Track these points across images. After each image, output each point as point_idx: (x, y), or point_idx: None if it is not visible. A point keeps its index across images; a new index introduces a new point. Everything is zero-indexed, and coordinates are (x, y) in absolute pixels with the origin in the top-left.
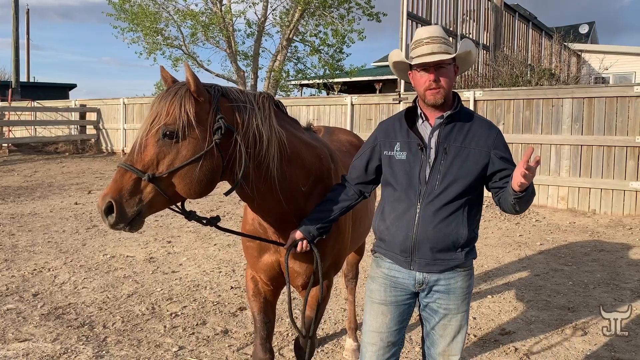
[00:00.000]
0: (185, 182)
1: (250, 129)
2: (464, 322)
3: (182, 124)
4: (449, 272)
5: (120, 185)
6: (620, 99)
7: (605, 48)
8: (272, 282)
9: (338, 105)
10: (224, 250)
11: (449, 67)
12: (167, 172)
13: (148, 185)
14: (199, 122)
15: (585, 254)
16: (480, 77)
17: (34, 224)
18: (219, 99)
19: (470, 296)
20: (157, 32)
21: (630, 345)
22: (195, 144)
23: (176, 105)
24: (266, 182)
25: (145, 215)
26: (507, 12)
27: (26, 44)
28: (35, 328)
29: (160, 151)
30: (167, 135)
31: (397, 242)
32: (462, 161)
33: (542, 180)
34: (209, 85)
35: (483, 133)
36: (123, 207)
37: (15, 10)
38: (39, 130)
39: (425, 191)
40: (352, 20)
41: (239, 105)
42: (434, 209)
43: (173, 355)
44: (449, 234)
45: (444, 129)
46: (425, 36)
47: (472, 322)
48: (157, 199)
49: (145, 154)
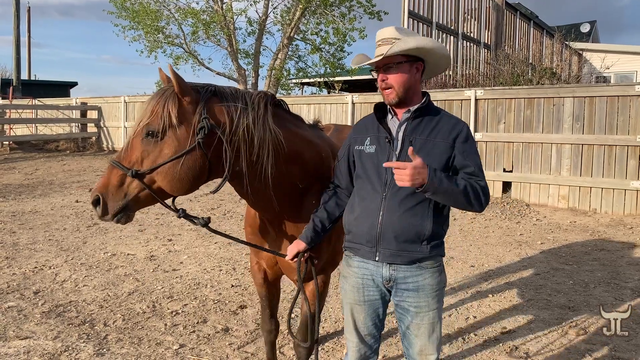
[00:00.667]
0: (168, 179)
1: (240, 128)
2: (437, 319)
3: (164, 123)
4: (416, 269)
5: (108, 180)
6: (622, 98)
7: (606, 47)
8: (272, 269)
9: (339, 103)
10: (225, 248)
11: (399, 66)
12: (149, 169)
13: (133, 181)
14: (182, 121)
15: (586, 253)
16: (482, 76)
17: (35, 221)
18: (208, 99)
19: (442, 293)
20: (158, 30)
21: (631, 344)
22: (178, 143)
23: (160, 105)
24: (261, 180)
25: (133, 209)
26: (509, 11)
27: (27, 41)
28: (36, 326)
29: (145, 149)
30: (150, 134)
31: (363, 233)
32: (427, 153)
33: (543, 179)
34: (202, 86)
35: (449, 127)
36: (107, 201)
37: (17, 8)
38: (40, 128)
39: (391, 181)
40: (353, 19)
41: (229, 105)
42: (399, 199)
43: (174, 354)
44: (414, 224)
45: (412, 123)
46: (378, 38)
47: (473, 321)
48: (142, 194)
49: (131, 152)
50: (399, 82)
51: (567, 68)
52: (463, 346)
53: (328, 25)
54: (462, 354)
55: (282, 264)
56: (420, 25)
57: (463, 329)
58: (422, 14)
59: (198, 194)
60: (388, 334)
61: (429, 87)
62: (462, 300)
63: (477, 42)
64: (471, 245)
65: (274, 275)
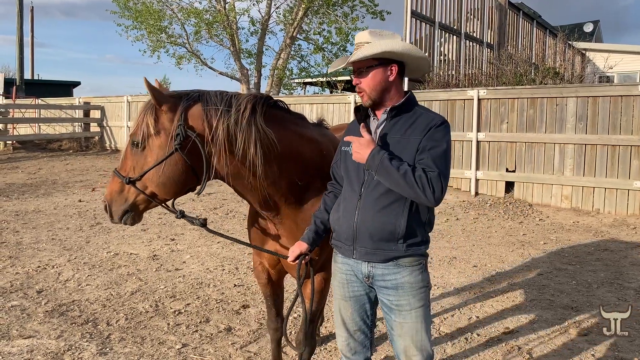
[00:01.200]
0: (155, 185)
1: (219, 130)
2: (420, 319)
3: (143, 133)
4: (393, 267)
5: (112, 188)
6: (625, 98)
7: (609, 47)
8: (274, 268)
9: (341, 103)
10: (227, 247)
11: (370, 69)
12: (139, 176)
13: (130, 188)
14: (160, 130)
15: (589, 253)
16: (484, 76)
17: (38, 221)
18: (186, 107)
19: (426, 293)
20: (161, 30)
21: (634, 345)
22: (158, 151)
23: (141, 116)
24: (254, 178)
25: (136, 212)
26: (512, 11)
27: (30, 41)
28: (40, 325)
29: (134, 158)
30: (134, 144)
31: (343, 231)
32: (400, 151)
33: (546, 179)
34: (186, 93)
35: (425, 123)
36: (112, 207)
37: (20, 8)
38: (43, 128)
39: (367, 180)
40: (356, 19)
41: (209, 109)
42: (373, 198)
43: (176, 353)
44: (387, 222)
45: (389, 122)
46: (355, 42)
47: (475, 321)
48: (139, 199)
49: (125, 162)
50: (370, 86)
51: (570, 68)
52: (466, 346)
53: (331, 24)
54: (464, 353)
55: (285, 262)
56: (423, 25)
57: (466, 329)
58: (424, 14)
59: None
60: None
61: (431, 88)
62: (464, 300)
63: (479, 42)
64: (474, 245)
65: (277, 275)
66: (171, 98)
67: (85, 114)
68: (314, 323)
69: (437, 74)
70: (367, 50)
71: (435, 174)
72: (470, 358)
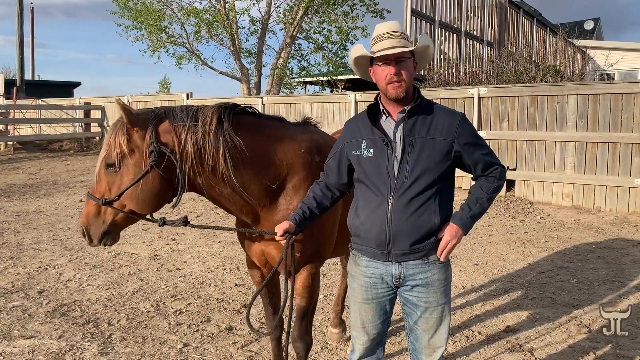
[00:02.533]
0: (134, 202)
1: (189, 144)
2: (446, 313)
3: (117, 154)
4: (425, 265)
5: (87, 211)
6: (626, 96)
7: (610, 44)
8: (265, 266)
9: (342, 102)
10: (228, 247)
11: (408, 61)
12: (116, 196)
13: (107, 209)
14: (133, 149)
15: (590, 251)
16: (485, 74)
17: (39, 221)
18: (156, 124)
19: (449, 288)
20: (161, 30)
21: (635, 342)
22: (134, 169)
23: (112, 138)
24: (227, 187)
25: (115, 232)
26: (512, 9)
27: (31, 42)
28: (41, 325)
29: (109, 179)
30: (109, 165)
31: (372, 237)
32: (429, 152)
33: (547, 177)
34: (152, 111)
35: (445, 122)
36: (90, 230)
37: (20, 8)
38: (43, 128)
39: (396, 185)
40: (356, 17)
41: (177, 125)
42: (405, 201)
43: (178, 352)
44: (423, 224)
45: (408, 122)
46: (385, 31)
47: (476, 319)
48: (118, 218)
49: (99, 184)
50: (409, 77)
51: (571, 66)
52: (467, 344)
53: (331, 23)
54: (465, 351)
55: (271, 260)
56: (423, 24)
57: (467, 327)
58: (425, 12)
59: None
60: (390, 331)
61: (432, 86)
62: (465, 298)
63: (480, 40)
64: (475, 243)
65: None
66: (141, 116)
67: (86, 114)
68: (306, 319)
69: (438, 72)
70: (425, 39)
71: (497, 171)
72: (471, 356)
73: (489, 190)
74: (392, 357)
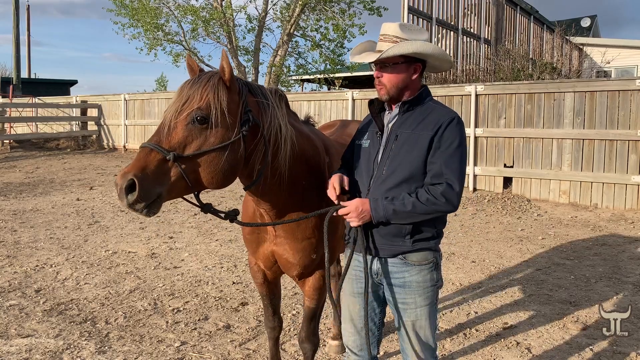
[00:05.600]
0: (209, 170)
1: (273, 127)
2: (425, 317)
3: (216, 111)
4: (402, 265)
5: (145, 163)
6: (622, 93)
7: (607, 42)
8: (270, 269)
9: (339, 100)
10: (226, 245)
11: (395, 66)
12: (192, 154)
13: (172, 167)
14: (229, 112)
15: (587, 248)
16: (482, 72)
17: (36, 220)
18: (246, 92)
19: (433, 292)
20: (157, 28)
21: (632, 339)
22: (224, 133)
23: (210, 91)
24: (274, 178)
25: (165, 199)
26: (509, 6)
27: (27, 40)
28: (38, 324)
29: (190, 134)
30: (198, 120)
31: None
32: (410, 147)
33: (544, 174)
34: (236, 79)
35: (435, 119)
36: (145, 185)
37: (16, 6)
38: (40, 127)
39: (375, 175)
40: (353, 15)
41: (262, 102)
42: (381, 192)
43: (175, 351)
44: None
45: (401, 116)
46: (381, 33)
47: (474, 316)
48: (178, 183)
49: (173, 135)
50: (392, 82)
51: (568, 63)
52: (464, 342)
53: (328, 21)
54: (463, 349)
55: (281, 262)
56: (420, 21)
57: (464, 325)
58: (421, 10)
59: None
60: (390, 330)
61: (429, 83)
62: (463, 296)
63: (477, 38)
64: (472, 240)
65: (273, 275)
66: (236, 78)
67: (83, 112)
68: (314, 321)
69: None
70: (398, 48)
71: (443, 187)
72: (469, 354)
73: (422, 197)
74: (391, 357)
